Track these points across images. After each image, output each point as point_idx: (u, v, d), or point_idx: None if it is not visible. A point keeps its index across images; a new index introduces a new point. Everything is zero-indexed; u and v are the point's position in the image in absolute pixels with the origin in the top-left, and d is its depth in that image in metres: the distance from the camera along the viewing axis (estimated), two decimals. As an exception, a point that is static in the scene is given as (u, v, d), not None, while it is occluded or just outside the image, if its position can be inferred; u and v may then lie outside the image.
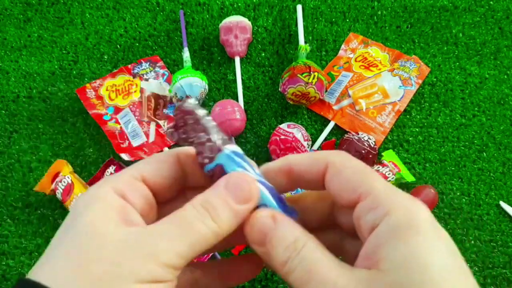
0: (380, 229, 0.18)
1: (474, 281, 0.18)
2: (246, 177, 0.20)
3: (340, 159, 0.21)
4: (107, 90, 0.61)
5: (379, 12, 0.68)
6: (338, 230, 0.24)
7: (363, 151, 0.52)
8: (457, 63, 0.63)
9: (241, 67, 0.63)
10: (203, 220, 0.19)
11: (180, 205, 0.22)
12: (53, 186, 0.52)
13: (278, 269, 0.20)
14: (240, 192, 0.20)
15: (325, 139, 0.58)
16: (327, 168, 0.21)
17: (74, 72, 0.64)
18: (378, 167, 0.54)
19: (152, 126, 0.59)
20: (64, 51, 0.66)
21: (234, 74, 0.63)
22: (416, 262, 0.17)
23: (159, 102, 0.61)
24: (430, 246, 0.17)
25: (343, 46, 0.65)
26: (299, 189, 0.26)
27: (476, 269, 0.51)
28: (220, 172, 0.21)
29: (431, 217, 0.18)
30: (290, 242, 0.19)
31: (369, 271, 0.18)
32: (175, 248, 0.18)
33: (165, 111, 0.61)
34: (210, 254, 0.49)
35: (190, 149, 0.23)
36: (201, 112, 0.22)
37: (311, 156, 0.22)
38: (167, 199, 0.23)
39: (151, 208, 0.22)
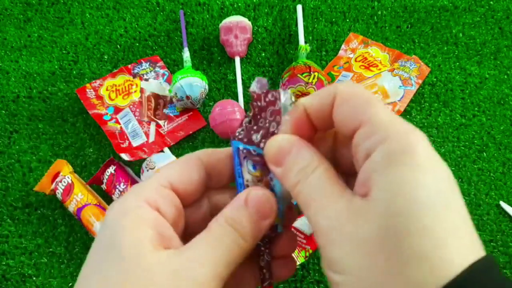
0: (374, 155, 0.17)
1: (465, 213, 0.17)
2: (267, 194, 0.21)
3: (347, 88, 0.20)
4: (107, 90, 0.61)
5: (379, 12, 0.68)
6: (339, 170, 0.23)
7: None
8: (457, 63, 0.63)
9: (241, 67, 0.63)
10: (233, 238, 0.20)
11: (204, 206, 0.24)
12: (53, 186, 0.52)
13: (290, 190, 0.20)
14: (262, 209, 0.21)
15: (325, 139, 0.58)
16: (335, 99, 0.20)
17: (74, 72, 0.64)
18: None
19: (152, 126, 0.59)
20: (64, 51, 0.65)
21: (234, 74, 0.63)
22: (406, 191, 0.16)
23: (159, 102, 0.61)
24: (422, 174, 0.16)
25: (343, 46, 0.65)
26: None
27: (476, 269, 0.51)
28: (264, 160, 0.22)
29: (427, 145, 0.17)
30: (302, 166, 0.20)
31: (362, 200, 0.17)
32: (213, 272, 0.19)
33: (165, 111, 0.61)
34: None
35: (212, 151, 0.24)
36: (289, 109, 0.22)
37: (320, 92, 0.21)
38: (192, 202, 0.23)
39: (180, 215, 0.22)
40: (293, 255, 0.25)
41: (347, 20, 0.67)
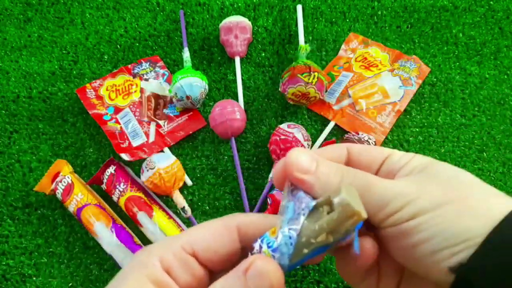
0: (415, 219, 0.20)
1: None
2: (273, 268, 0.19)
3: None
4: (107, 90, 0.61)
5: (379, 12, 0.68)
6: None
7: (363, 151, 0.52)
8: (457, 63, 0.63)
9: (241, 67, 0.63)
10: None
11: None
12: (53, 186, 0.52)
13: (336, 186, 0.21)
14: (262, 286, 0.19)
15: (325, 139, 0.58)
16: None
17: (74, 72, 0.64)
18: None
19: (152, 126, 0.59)
20: (64, 51, 0.65)
21: (234, 74, 0.63)
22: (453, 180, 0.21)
23: (159, 102, 0.61)
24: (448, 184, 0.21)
25: (343, 46, 0.65)
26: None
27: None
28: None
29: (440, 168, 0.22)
30: (337, 167, 0.22)
31: (417, 176, 0.22)
32: None
33: (165, 111, 0.61)
34: None
35: (252, 219, 0.23)
36: None
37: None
38: (224, 268, 0.22)
39: (199, 283, 0.21)
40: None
41: (347, 20, 0.67)
